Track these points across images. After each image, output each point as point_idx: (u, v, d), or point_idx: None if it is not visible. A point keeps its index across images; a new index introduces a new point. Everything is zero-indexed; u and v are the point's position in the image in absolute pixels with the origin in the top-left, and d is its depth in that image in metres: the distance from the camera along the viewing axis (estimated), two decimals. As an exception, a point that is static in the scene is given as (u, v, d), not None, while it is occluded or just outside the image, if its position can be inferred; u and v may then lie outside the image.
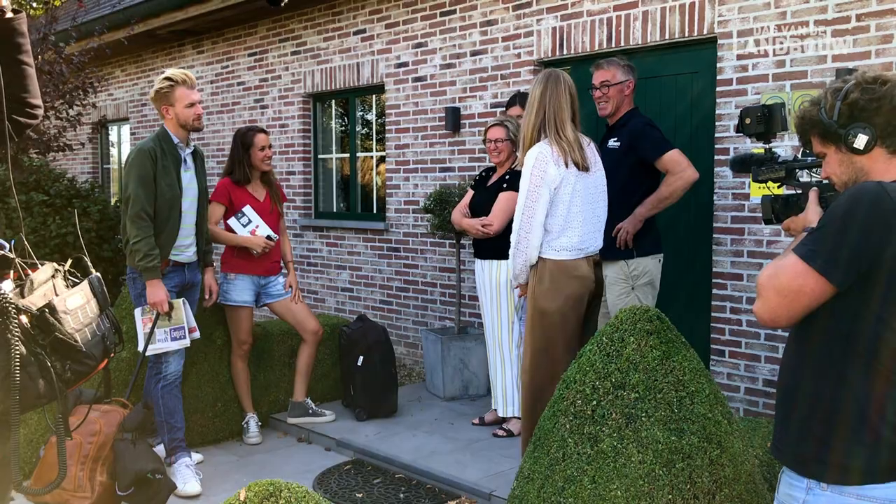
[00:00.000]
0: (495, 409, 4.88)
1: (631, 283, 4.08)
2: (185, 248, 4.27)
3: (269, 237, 4.77)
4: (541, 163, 3.60)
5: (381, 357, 5.13)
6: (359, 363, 5.08)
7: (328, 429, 4.93)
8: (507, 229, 4.56)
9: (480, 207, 4.76)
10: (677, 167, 4.06)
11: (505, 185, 4.67)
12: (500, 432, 4.71)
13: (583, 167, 3.68)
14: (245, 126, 4.95)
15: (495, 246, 4.68)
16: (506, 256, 4.56)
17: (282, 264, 5.05)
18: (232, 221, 4.79)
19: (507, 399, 4.75)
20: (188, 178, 4.27)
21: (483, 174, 4.97)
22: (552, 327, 3.67)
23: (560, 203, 3.66)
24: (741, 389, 4.67)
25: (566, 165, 3.63)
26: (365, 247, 7.14)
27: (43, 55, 6.18)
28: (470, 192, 4.95)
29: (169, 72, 4.17)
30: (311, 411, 5.05)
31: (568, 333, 3.70)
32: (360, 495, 4.07)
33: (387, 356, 5.16)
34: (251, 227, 4.78)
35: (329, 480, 4.29)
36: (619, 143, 4.16)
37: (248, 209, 4.81)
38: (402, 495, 4.09)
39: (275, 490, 1.90)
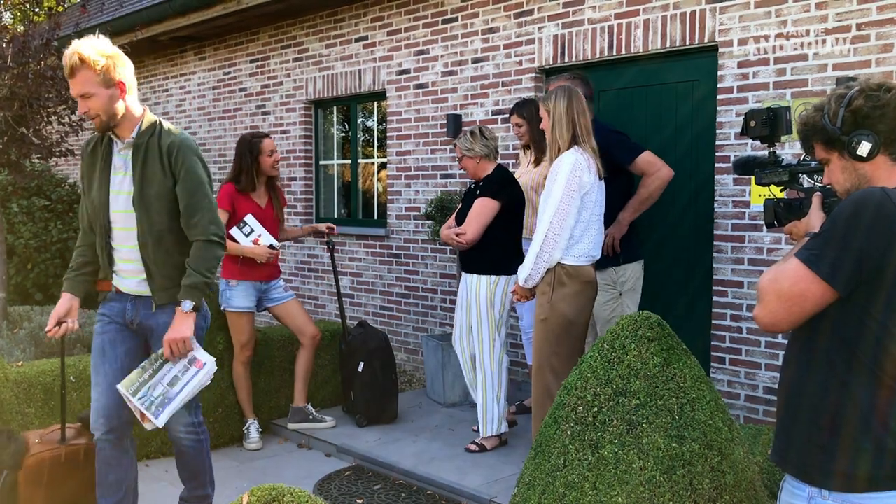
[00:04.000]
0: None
1: (618, 289, 4.18)
2: (122, 274, 3.29)
3: (271, 246, 4.79)
4: (577, 169, 3.73)
5: (381, 363, 5.12)
6: (359, 369, 5.07)
7: (329, 435, 4.93)
8: (482, 240, 4.47)
9: (460, 218, 4.65)
10: (652, 168, 4.21)
11: (478, 193, 4.55)
12: (472, 447, 4.60)
13: (601, 175, 3.87)
14: (248, 133, 4.96)
15: (473, 258, 4.55)
16: (483, 271, 4.50)
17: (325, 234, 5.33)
18: (234, 231, 4.77)
19: (487, 418, 4.59)
20: (117, 182, 3.22)
21: (472, 185, 4.84)
22: (573, 329, 3.83)
23: (585, 209, 3.79)
24: (741, 397, 4.67)
25: (594, 173, 3.79)
26: (366, 253, 7.14)
27: (46, 61, 6.19)
28: (459, 204, 4.87)
29: (70, 47, 3.08)
30: (311, 417, 5.05)
31: (583, 335, 3.91)
32: (360, 501, 4.07)
33: (387, 362, 5.16)
34: (254, 237, 4.78)
35: (330, 486, 4.29)
36: None
37: (249, 218, 4.80)
38: (402, 502, 4.09)
39: (277, 495, 1.90)
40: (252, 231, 4.79)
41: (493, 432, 4.60)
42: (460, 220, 4.68)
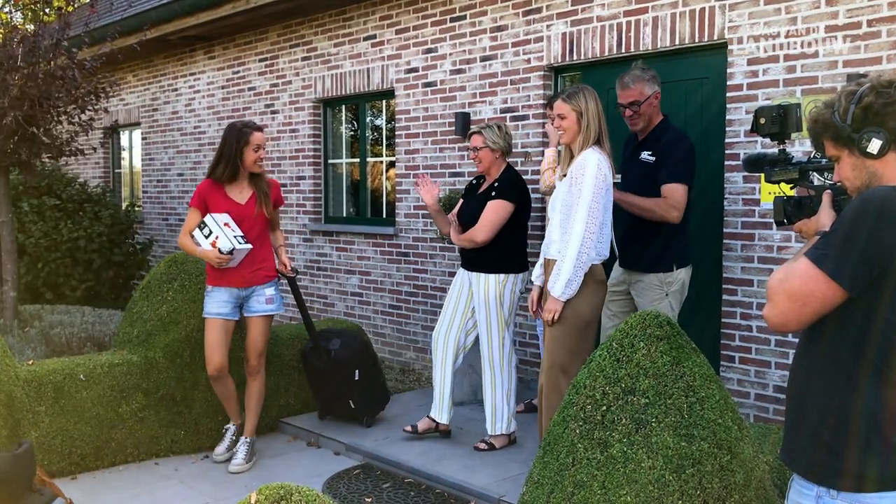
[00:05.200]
0: (429, 417, 4.79)
1: (665, 289, 4.23)
2: None
3: (220, 251, 4.30)
4: (602, 169, 3.76)
5: (372, 362, 5.14)
6: (356, 378, 4.99)
7: (337, 433, 4.94)
8: (494, 241, 4.48)
9: (469, 215, 4.61)
10: (671, 203, 4.11)
11: (494, 194, 4.51)
12: (482, 445, 4.59)
13: (615, 175, 3.90)
14: (241, 121, 4.54)
15: (481, 257, 4.54)
16: (492, 270, 4.51)
17: (277, 273, 4.68)
18: (195, 232, 4.41)
19: (497, 416, 4.59)
20: None
21: (474, 181, 4.84)
22: (585, 327, 3.84)
23: (603, 210, 3.84)
24: (751, 395, 4.66)
25: (611, 173, 3.83)
26: (374, 251, 7.15)
27: (55, 60, 6.22)
28: (461, 201, 4.81)
29: None
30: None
31: (594, 334, 3.91)
32: (369, 500, 4.07)
33: (374, 360, 5.18)
34: (212, 238, 4.35)
35: (338, 485, 4.29)
36: (654, 158, 4.21)
37: (209, 218, 4.39)
38: (411, 500, 4.09)
39: (285, 493, 1.90)
40: (211, 233, 4.35)
41: (503, 431, 4.60)
42: (464, 218, 4.66)
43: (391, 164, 7.24)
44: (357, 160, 7.60)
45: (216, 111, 8.93)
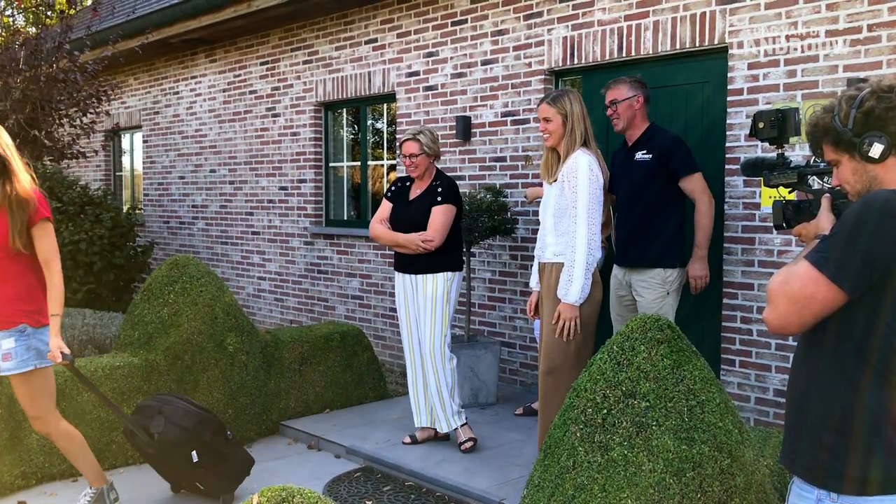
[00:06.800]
0: (423, 426, 4.80)
1: (667, 288, 4.30)
2: None
3: None
4: (593, 169, 3.80)
5: (210, 433, 3.98)
6: (195, 460, 3.91)
7: (338, 436, 4.94)
8: (444, 244, 4.55)
9: (406, 221, 4.61)
10: (704, 194, 4.33)
11: (440, 199, 4.55)
12: (468, 444, 4.61)
13: (606, 175, 3.95)
14: None
15: (431, 260, 4.57)
16: (441, 270, 4.56)
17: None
18: None
19: (448, 412, 4.65)
20: None
21: (399, 185, 4.80)
22: (587, 330, 3.89)
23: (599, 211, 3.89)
24: (751, 399, 4.66)
25: (602, 173, 3.88)
26: (375, 255, 7.16)
27: (57, 63, 6.24)
28: (387, 205, 4.77)
29: None
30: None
31: (593, 336, 3.94)
32: (370, 503, 4.08)
33: (215, 426, 4.03)
34: None
35: (339, 487, 4.30)
36: (650, 156, 4.33)
37: None
38: (411, 503, 4.09)
39: (287, 495, 1.91)
40: None
41: (460, 423, 4.66)
42: (398, 222, 4.65)
43: (392, 168, 7.25)
44: (358, 163, 7.61)
45: (217, 114, 8.94)
